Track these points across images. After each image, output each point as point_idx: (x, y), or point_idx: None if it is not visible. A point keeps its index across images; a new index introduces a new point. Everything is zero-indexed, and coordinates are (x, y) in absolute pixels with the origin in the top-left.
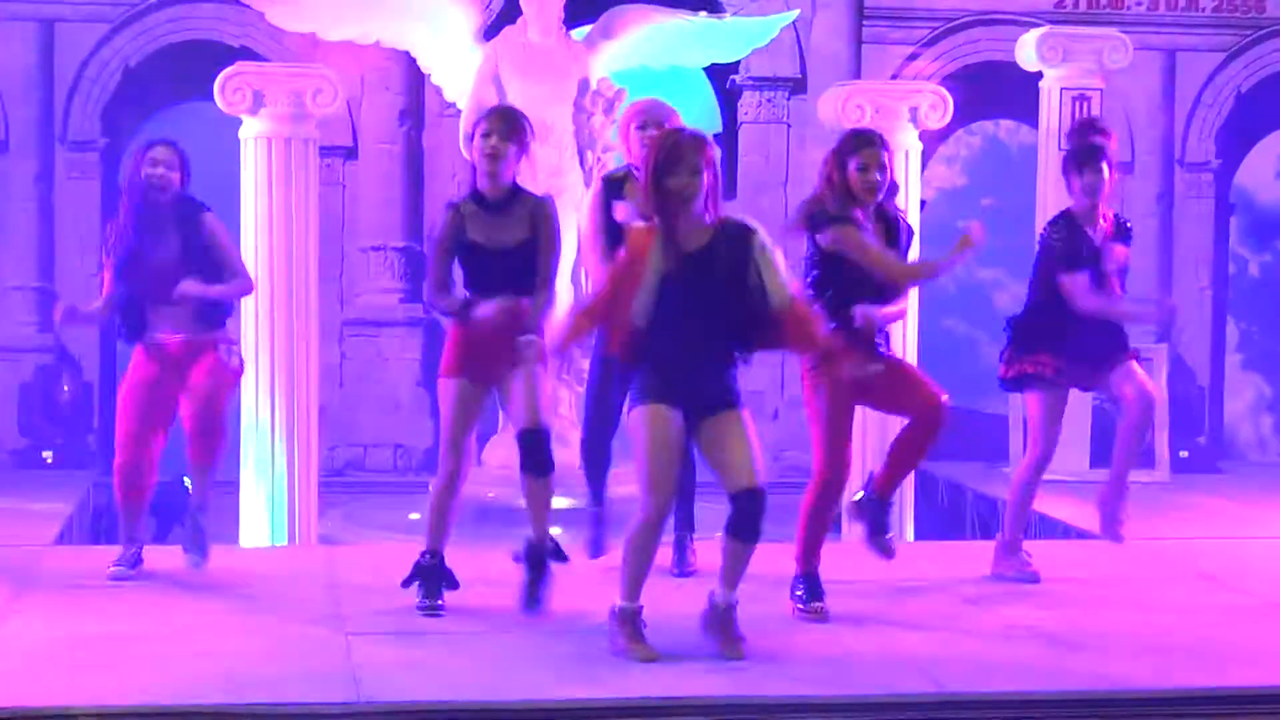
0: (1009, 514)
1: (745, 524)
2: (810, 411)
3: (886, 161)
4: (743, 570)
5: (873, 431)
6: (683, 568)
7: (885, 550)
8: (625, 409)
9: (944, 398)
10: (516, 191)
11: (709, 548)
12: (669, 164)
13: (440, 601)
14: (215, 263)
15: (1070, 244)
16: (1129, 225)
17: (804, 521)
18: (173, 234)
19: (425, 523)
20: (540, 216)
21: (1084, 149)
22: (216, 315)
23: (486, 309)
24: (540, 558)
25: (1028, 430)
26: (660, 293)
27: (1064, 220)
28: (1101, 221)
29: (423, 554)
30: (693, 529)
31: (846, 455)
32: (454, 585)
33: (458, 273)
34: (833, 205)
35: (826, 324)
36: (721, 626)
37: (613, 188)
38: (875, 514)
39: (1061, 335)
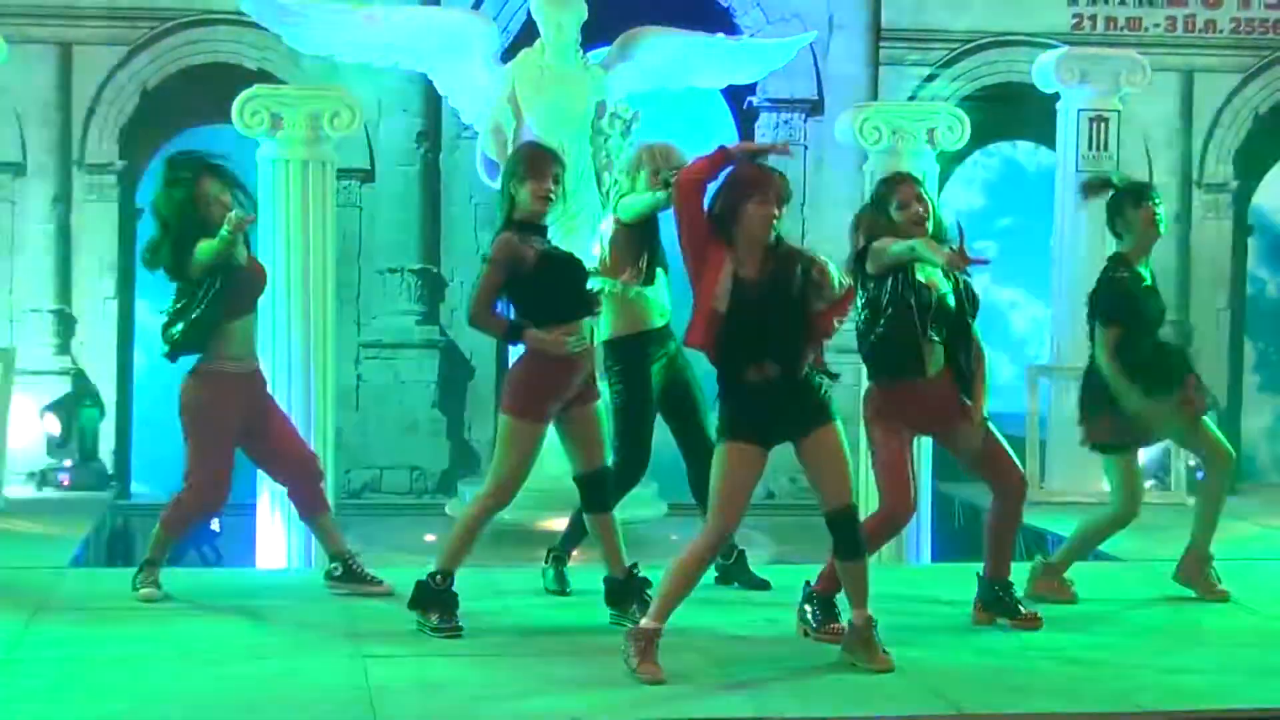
0: (1074, 546)
1: (846, 545)
2: (873, 454)
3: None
4: (865, 587)
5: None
6: (754, 581)
7: (1031, 624)
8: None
9: (1023, 475)
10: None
11: None
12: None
13: (459, 620)
14: None
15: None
16: None
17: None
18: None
19: (449, 544)
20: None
21: (1139, 183)
22: None
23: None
24: (629, 593)
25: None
26: (733, 311)
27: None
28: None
29: (433, 576)
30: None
31: (911, 492)
32: (457, 604)
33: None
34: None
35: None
36: (863, 644)
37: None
38: (1003, 601)
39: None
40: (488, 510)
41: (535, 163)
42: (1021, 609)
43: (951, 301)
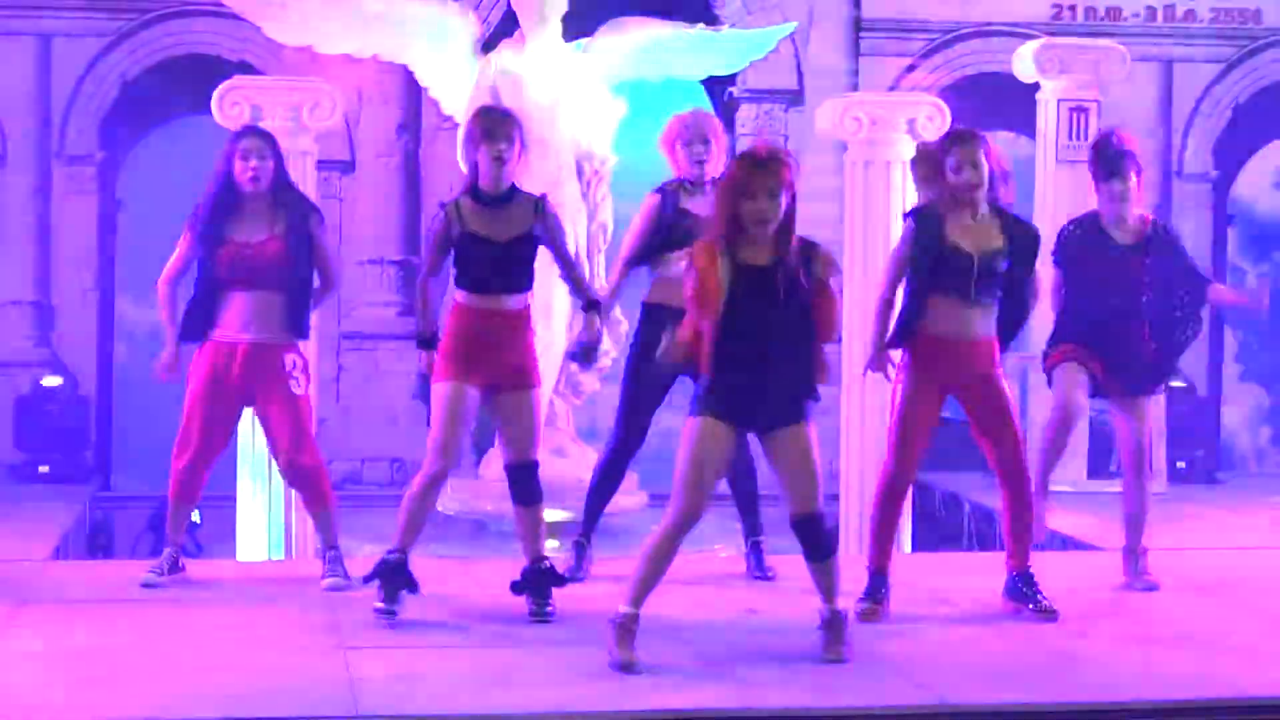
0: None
1: (810, 548)
2: (892, 408)
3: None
4: (834, 583)
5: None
6: (762, 572)
7: (1048, 615)
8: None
9: (1020, 458)
10: (515, 190)
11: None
12: (748, 187)
13: (397, 606)
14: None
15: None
16: (1168, 230)
17: (873, 517)
18: (274, 223)
19: (398, 520)
20: (544, 212)
21: (1113, 154)
22: (301, 324)
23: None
24: (541, 583)
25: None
26: (726, 308)
27: (1087, 220)
28: (1134, 226)
29: (390, 551)
30: (762, 532)
31: (914, 456)
32: (414, 589)
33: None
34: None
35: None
36: (828, 634)
37: (669, 198)
38: (1024, 589)
39: (1091, 334)
40: (426, 477)
41: (487, 124)
42: (1041, 599)
43: (1002, 263)
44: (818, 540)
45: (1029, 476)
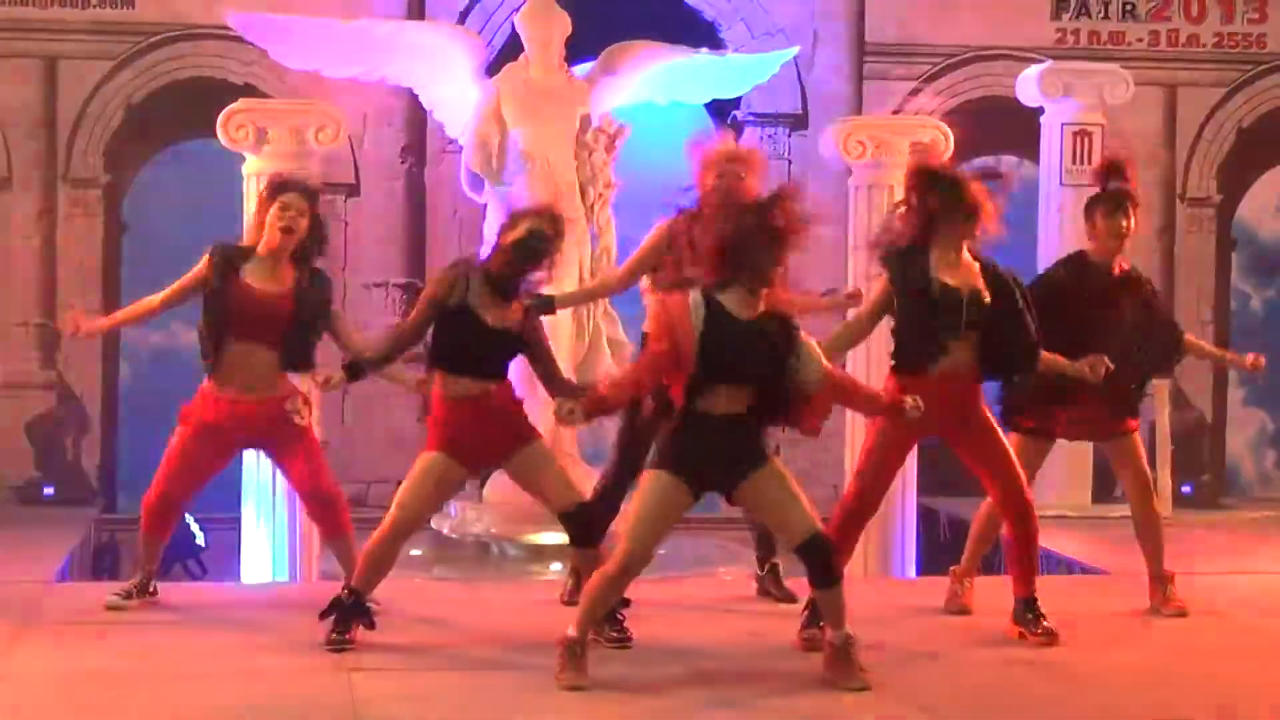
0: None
1: (818, 573)
2: (867, 438)
3: None
4: (841, 609)
5: None
6: (783, 594)
7: (1051, 639)
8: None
9: (1025, 496)
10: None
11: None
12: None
13: (350, 636)
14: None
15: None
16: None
17: None
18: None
19: (359, 564)
20: (535, 324)
21: (1117, 193)
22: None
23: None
24: (615, 616)
25: None
26: (703, 356)
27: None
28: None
29: (348, 591)
30: (776, 554)
31: (879, 490)
32: (370, 625)
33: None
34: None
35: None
36: (842, 662)
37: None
38: (1027, 614)
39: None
40: (392, 531)
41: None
42: (1043, 624)
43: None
44: (827, 564)
45: (1032, 506)
